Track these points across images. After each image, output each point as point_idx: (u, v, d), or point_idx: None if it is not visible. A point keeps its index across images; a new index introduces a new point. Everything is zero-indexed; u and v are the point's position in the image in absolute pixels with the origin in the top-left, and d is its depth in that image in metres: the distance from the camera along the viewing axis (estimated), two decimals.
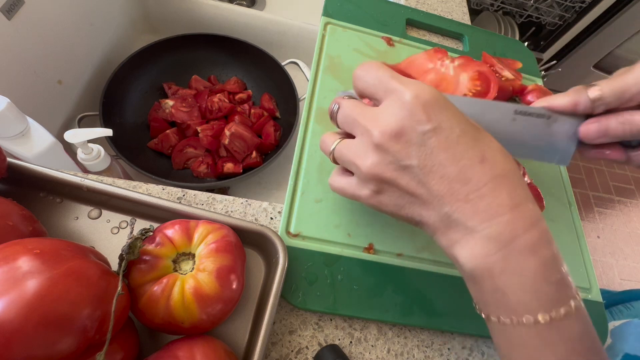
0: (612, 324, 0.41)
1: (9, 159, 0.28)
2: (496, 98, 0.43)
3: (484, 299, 0.22)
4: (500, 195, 0.21)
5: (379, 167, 0.23)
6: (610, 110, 0.29)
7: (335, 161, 0.27)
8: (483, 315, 0.23)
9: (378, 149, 0.23)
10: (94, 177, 0.31)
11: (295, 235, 0.33)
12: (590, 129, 0.29)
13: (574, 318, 0.20)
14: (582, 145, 0.31)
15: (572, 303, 0.20)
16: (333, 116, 0.27)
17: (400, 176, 0.23)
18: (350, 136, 0.26)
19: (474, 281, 0.22)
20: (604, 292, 0.38)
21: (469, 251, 0.21)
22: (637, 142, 0.30)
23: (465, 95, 0.37)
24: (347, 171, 0.27)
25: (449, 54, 0.41)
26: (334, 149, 0.26)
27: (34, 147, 0.40)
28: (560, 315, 0.20)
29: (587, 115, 0.30)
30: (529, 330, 0.20)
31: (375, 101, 0.24)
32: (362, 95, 0.26)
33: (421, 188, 0.22)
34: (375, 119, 0.23)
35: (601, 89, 0.28)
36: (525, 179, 0.39)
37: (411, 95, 0.22)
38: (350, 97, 0.27)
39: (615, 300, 0.50)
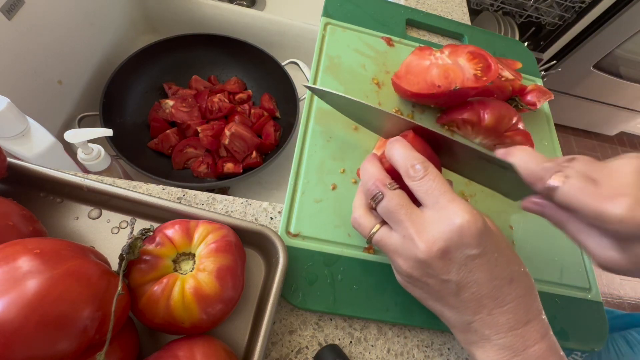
0: None
1: (9, 159, 0.28)
2: (496, 97, 0.43)
3: None
4: (518, 313, 0.24)
5: (417, 272, 0.25)
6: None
7: (370, 240, 0.28)
8: None
9: (420, 264, 0.25)
10: (94, 177, 0.31)
11: (295, 235, 0.33)
12: (529, 207, 0.30)
13: None
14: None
15: None
16: (373, 200, 0.27)
17: (435, 284, 0.25)
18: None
19: None
20: (608, 313, 0.38)
21: (485, 354, 0.25)
22: None
23: (474, 74, 0.38)
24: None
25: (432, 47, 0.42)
26: (373, 235, 0.27)
27: (34, 147, 0.40)
28: None
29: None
30: None
31: (417, 197, 0.26)
32: (404, 176, 0.26)
33: (452, 297, 0.25)
34: (423, 230, 0.24)
35: (564, 184, 0.25)
36: (520, 126, 0.41)
37: (463, 221, 0.23)
38: (391, 184, 0.27)
39: (624, 323, 0.49)
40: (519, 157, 0.27)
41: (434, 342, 0.33)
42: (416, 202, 0.26)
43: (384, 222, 0.27)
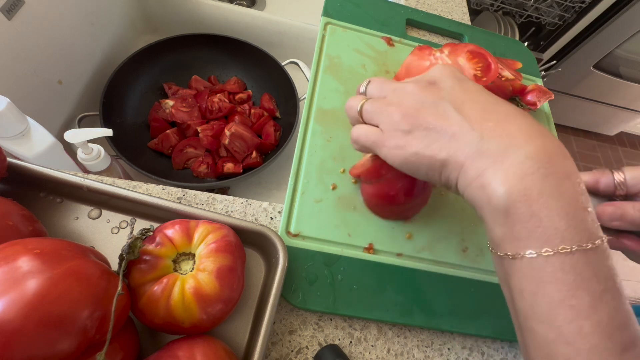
0: None
1: (9, 159, 0.28)
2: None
3: (515, 231, 0.20)
4: (530, 123, 0.22)
5: (412, 109, 0.24)
6: (630, 197, 0.29)
7: (360, 119, 0.28)
8: (509, 255, 0.21)
9: (411, 95, 0.25)
10: (94, 177, 0.31)
11: (295, 235, 0.33)
12: (605, 210, 0.28)
13: (607, 253, 0.20)
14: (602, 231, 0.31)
15: (604, 238, 0.20)
16: (361, 95, 0.29)
17: (431, 114, 0.23)
18: None
19: (505, 211, 0.20)
20: None
21: (504, 175, 0.20)
22: None
23: (474, 75, 0.38)
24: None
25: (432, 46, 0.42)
26: (363, 103, 0.27)
27: (34, 147, 0.40)
28: (595, 248, 0.19)
29: (610, 199, 0.30)
30: (564, 263, 0.19)
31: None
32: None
33: (452, 117, 0.23)
34: (410, 80, 0.26)
35: (624, 173, 0.28)
36: None
37: (439, 65, 0.26)
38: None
39: None
40: None
41: (434, 342, 0.33)
42: (411, 194, 0.29)
43: None
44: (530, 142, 0.21)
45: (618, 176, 0.29)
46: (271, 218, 0.35)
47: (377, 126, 0.26)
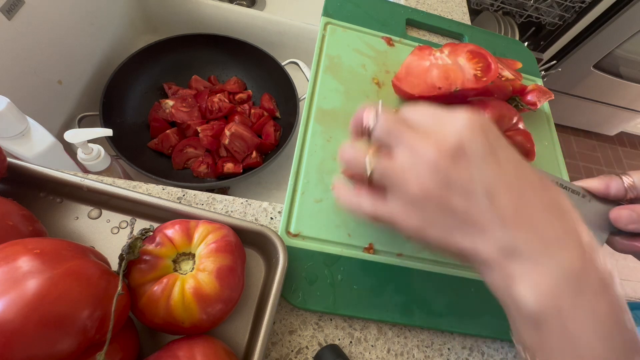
0: None
1: (9, 159, 0.28)
2: (496, 97, 0.43)
3: (547, 344, 0.19)
4: (567, 223, 0.19)
5: (434, 185, 0.20)
6: (638, 200, 0.29)
7: (369, 181, 0.23)
8: None
9: (434, 169, 0.20)
10: (94, 177, 0.31)
11: (295, 235, 0.33)
12: (621, 214, 0.28)
13: None
14: (615, 235, 0.31)
15: None
16: (365, 130, 0.24)
17: (458, 194, 0.20)
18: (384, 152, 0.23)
19: (536, 324, 0.19)
20: None
21: (535, 287, 0.18)
22: None
23: (474, 75, 0.38)
24: (377, 191, 0.23)
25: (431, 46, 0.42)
26: (374, 168, 0.22)
27: (34, 147, 0.40)
28: None
29: (619, 203, 0.31)
30: None
31: (415, 123, 0.23)
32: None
33: (482, 207, 0.20)
34: (429, 136, 0.21)
35: (632, 176, 0.28)
36: (520, 126, 0.40)
37: (468, 117, 0.21)
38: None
39: None
40: (582, 180, 0.29)
41: (434, 342, 0.33)
42: None
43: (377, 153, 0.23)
44: (565, 251, 0.19)
45: (627, 180, 0.28)
46: (271, 218, 0.35)
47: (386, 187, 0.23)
